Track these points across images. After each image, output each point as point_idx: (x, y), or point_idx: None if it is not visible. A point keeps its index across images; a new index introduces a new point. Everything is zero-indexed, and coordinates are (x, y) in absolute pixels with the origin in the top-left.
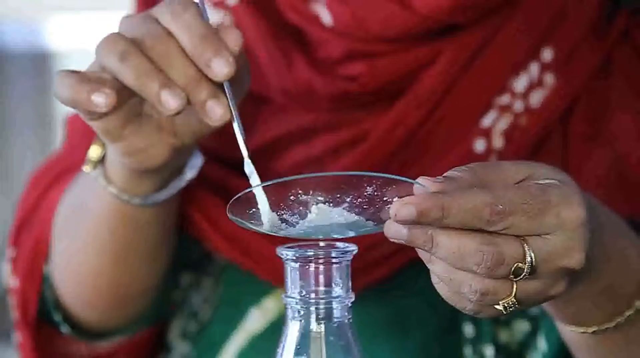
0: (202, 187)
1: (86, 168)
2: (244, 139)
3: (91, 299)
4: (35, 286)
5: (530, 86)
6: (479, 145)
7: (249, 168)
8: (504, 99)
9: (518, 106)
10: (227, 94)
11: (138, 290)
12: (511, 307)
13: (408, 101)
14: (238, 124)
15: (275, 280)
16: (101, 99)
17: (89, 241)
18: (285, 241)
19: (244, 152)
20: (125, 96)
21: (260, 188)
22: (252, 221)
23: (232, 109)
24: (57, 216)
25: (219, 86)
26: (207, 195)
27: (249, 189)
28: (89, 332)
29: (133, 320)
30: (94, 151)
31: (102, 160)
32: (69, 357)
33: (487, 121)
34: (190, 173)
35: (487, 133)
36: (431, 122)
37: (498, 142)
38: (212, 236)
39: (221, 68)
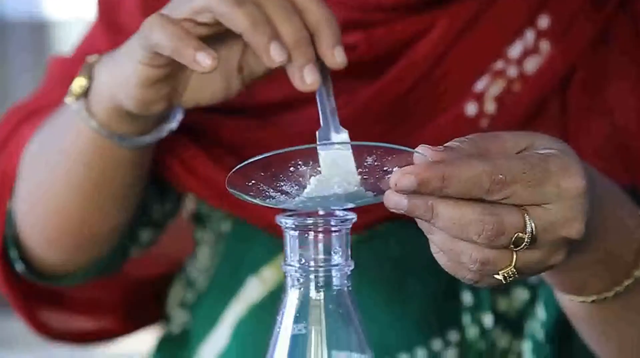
0: (178, 132)
1: (68, 100)
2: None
3: (56, 237)
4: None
5: (525, 53)
6: (470, 109)
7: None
8: (498, 64)
9: (512, 71)
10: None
11: (103, 232)
12: (511, 277)
13: (402, 66)
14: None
15: (259, 223)
16: (207, 60)
17: (60, 177)
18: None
19: (331, 123)
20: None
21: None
22: (251, 194)
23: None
24: (27, 152)
25: None
26: (182, 140)
27: (248, 161)
28: (42, 273)
29: (90, 264)
30: (79, 83)
31: (85, 93)
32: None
33: (479, 85)
34: (174, 122)
35: (479, 97)
36: (423, 86)
37: (490, 106)
38: (189, 182)
39: (329, 39)
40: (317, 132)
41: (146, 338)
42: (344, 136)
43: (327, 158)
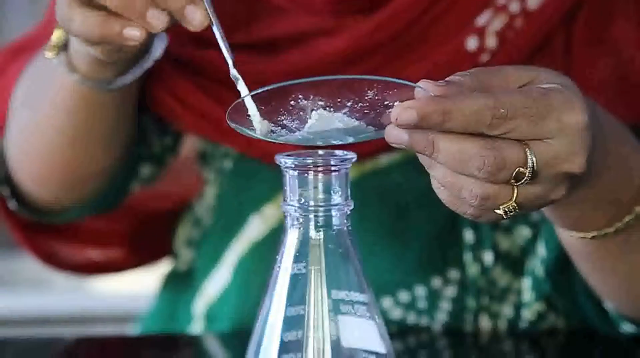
0: (170, 66)
1: (48, 54)
2: (226, 45)
3: (45, 177)
4: None
5: None
6: (471, 43)
7: (234, 74)
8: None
9: (514, 7)
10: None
11: (92, 172)
12: (511, 212)
13: (403, 0)
14: (218, 29)
15: (260, 157)
16: (136, 32)
17: (46, 121)
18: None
19: (228, 58)
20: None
21: (248, 96)
22: (252, 128)
23: (210, 14)
24: (16, 92)
25: None
26: (175, 74)
27: (248, 94)
28: (39, 210)
29: (84, 202)
30: (57, 36)
31: (65, 46)
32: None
33: (481, 20)
34: (157, 53)
35: (480, 32)
36: (425, 19)
37: (491, 41)
38: (183, 116)
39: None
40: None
41: (151, 280)
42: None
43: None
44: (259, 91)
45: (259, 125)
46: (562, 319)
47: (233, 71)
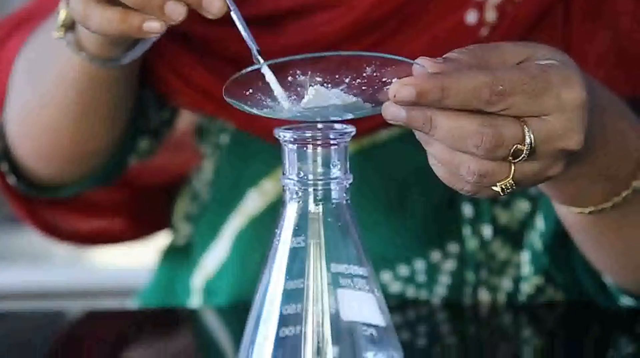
0: (169, 41)
1: (56, 34)
2: (247, 30)
3: (48, 154)
4: None
5: None
6: (471, 17)
7: (257, 58)
8: None
9: None
10: None
11: (95, 148)
12: (509, 189)
13: None
14: (237, 15)
15: (248, 128)
16: (156, 25)
17: (50, 97)
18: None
19: (251, 44)
20: None
21: (267, 68)
22: (249, 103)
23: (228, 1)
24: (17, 66)
25: None
26: (175, 50)
27: (246, 70)
28: (38, 185)
29: (85, 177)
30: (64, 16)
31: (72, 25)
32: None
33: None
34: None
35: (480, 6)
36: None
37: (491, 15)
38: (182, 91)
39: None
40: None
41: (149, 254)
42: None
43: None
44: (256, 66)
45: (286, 103)
46: (561, 292)
47: (257, 57)
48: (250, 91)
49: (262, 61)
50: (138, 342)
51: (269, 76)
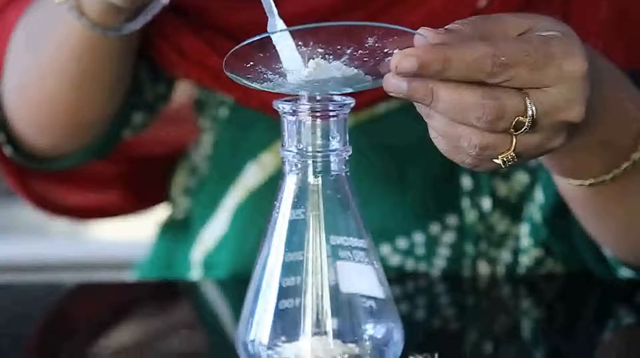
0: (168, 13)
1: (58, 0)
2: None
3: (45, 124)
4: None
5: None
6: None
7: (275, 25)
8: None
9: None
10: None
11: (93, 119)
12: (510, 161)
13: None
14: None
15: (245, 101)
16: None
17: (50, 67)
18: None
19: (272, 9)
20: None
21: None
22: (249, 77)
23: None
24: (16, 36)
25: None
26: (173, 22)
27: (246, 42)
28: (35, 156)
29: (81, 148)
30: None
31: None
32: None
33: None
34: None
35: None
36: None
37: None
38: (180, 64)
39: None
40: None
41: (148, 228)
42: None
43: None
44: (256, 38)
45: (304, 70)
46: (560, 264)
47: (277, 22)
48: (251, 64)
49: (281, 26)
50: (137, 314)
51: (283, 44)
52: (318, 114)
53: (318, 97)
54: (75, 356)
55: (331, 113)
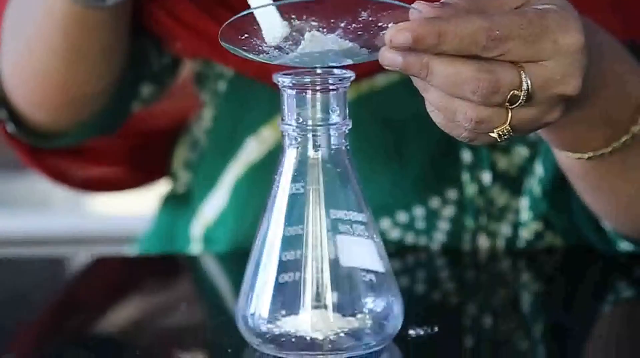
0: None
1: None
2: None
3: (39, 100)
4: None
5: None
6: None
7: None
8: None
9: None
10: None
11: (87, 93)
12: (505, 135)
13: None
14: None
15: (243, 71)
16: None
17: (37, 41)
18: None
19: None
20: None
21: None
22: (245, 48)
23: None
24: (6, 16)
25: None
26: None
27: (242, 14)
28: (37, 132)
29: (83, 124)
30: None
31: None
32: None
33: None
34: None
35: None
36: None
37: None
38: (178, 34)
39: None
40: None
41: (149, 201)
42: None
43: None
44: (251, 9)
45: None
46: (560, 238)
47: None
48: (246, 36)
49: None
50: (137, 288)
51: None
52: (318, 87)
53: (318, 71)
54: (77, 329)
55: (331, 87)
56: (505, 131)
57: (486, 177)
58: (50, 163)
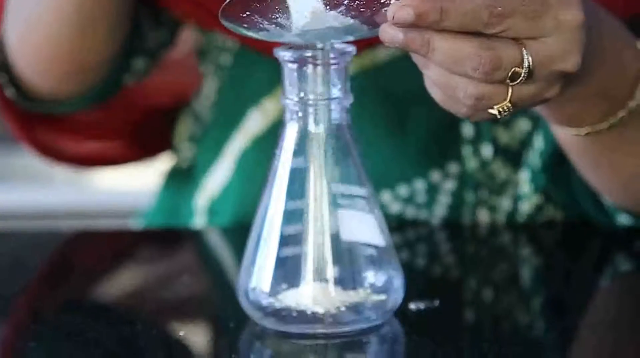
0: None
1: None
2: None
3: (47, 66)
4: None
5: None
6: None
7: None
8: None
9: None
10: None
11: (94, 61)
12: (506, 112)
13: None
14: None
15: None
16: None
17: (49, 11)
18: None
19: None
20: None
21: None
22: (245, 26)
23: None
24: None
25: None
26: None
27: None
28: (34, 99)
29: (83, 93)
30: None
31: None
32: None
33: None
34: None
35: None
36: None
37: None
38: (180, 3)
39: None
40: None
41: (152, 176)
42: None
43: None
44: None
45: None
46: (560, 211)
47: None
48: (247, 13)
49: None
50: (139, 261)
51: None
52: (319, 62)
53: (319, 45)
54: (78, 303)
55: (332, 61)
56: (505, 107)
57: (487, 151)
58: (42, 137)
